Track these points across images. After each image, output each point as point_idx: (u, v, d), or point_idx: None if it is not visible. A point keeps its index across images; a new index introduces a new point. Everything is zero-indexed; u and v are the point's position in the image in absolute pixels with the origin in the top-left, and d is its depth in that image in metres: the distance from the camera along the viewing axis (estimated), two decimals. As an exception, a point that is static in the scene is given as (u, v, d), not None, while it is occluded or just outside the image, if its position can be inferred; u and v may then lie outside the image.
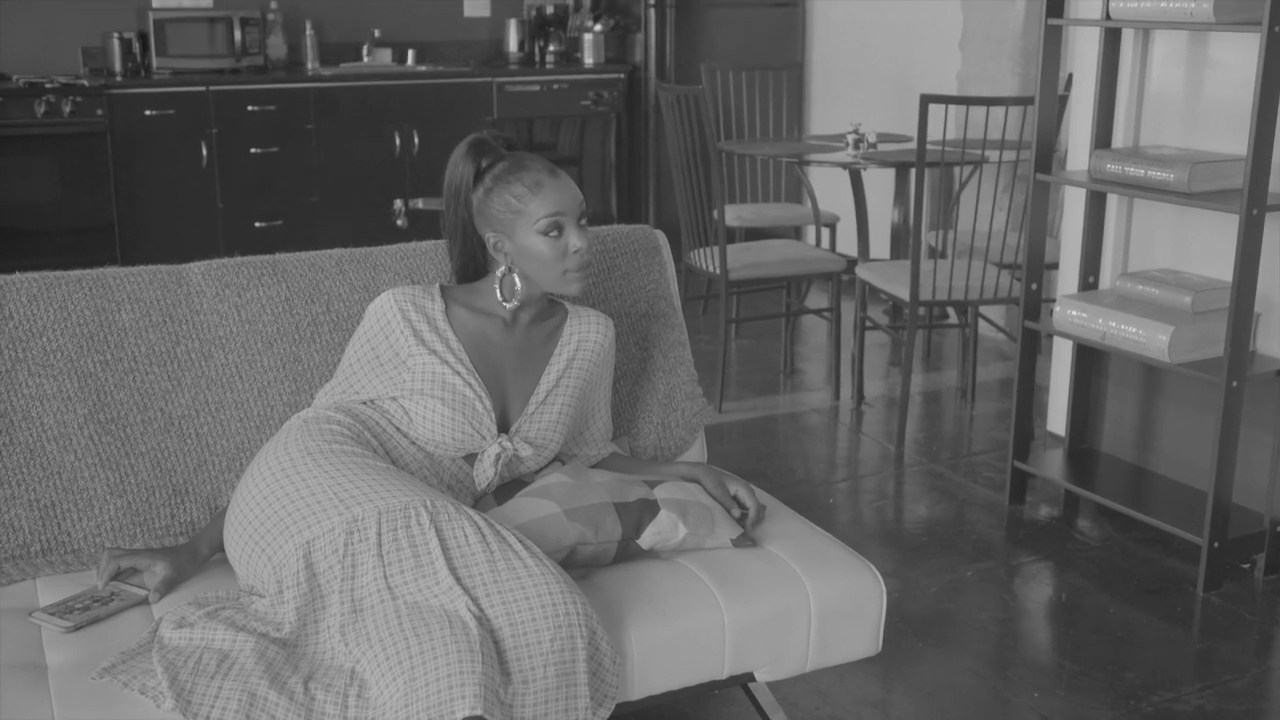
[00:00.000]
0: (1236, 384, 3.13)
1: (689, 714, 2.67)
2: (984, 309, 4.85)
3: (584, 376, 2.29)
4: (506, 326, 2.23)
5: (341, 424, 2.12)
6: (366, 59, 6.59)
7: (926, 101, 4.01)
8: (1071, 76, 4.19)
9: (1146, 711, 2.70)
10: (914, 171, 4.91)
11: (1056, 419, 4.10)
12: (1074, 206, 3.89)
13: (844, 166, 4.85)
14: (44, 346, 2.21)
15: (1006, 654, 2.98)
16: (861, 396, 4.70)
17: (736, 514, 2.29)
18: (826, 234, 5.77)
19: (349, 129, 6.19)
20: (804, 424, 4.56)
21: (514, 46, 6.90)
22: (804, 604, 2.14)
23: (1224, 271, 3.33)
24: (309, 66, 6.40)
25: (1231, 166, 3.20)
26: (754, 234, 5.63)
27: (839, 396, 4.76)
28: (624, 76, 6.75)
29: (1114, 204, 3.70)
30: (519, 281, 2.18)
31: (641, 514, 2.15)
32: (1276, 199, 3.10)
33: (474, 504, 2.18)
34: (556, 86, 6.64)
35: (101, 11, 6.06)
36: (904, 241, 5.18)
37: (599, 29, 6.82)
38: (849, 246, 5.90)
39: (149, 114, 5.79)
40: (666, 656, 2.04)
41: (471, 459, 2.19)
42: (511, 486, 2.21)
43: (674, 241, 2.78)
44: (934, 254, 4.60)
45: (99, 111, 5.67)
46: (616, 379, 2.54)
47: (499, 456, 2.17)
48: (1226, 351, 3.11)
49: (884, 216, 5.57)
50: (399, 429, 2.16)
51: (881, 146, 5.09)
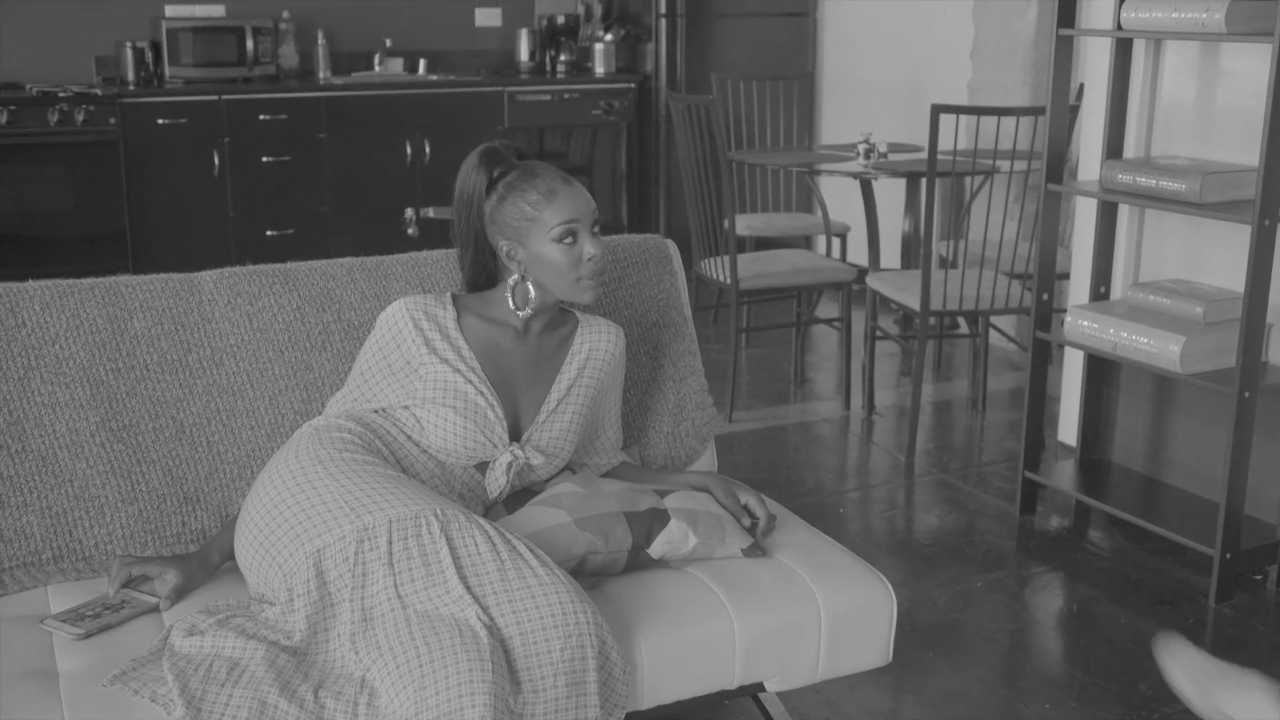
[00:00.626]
0: (1249, 395, 3.12)
1: (699, 724, 2.67)
2: (995, 319, 4.85)
3: (595, 385, 2.29)
4: (518, 335, 2.23)
5: (353, 432, 2.12)
6: (378, 68, 6.60)
7: (937, 111, 4.01)
8: (1083, 87, 4.19)
9: (1158, 723, 2.69)
10: (925, 181, 4.90)
11: (1068, 429, 4.09)
12: (1085, 216, 3.89)
13: (855, 176, 4.86)
14: (56, 354, 2.22)
15: (1017, 665, 2.97)
16: (872, 406, 4.69)
17: (747, 523, 2.28)
18: (837, 244, 5.77)
19: (360, 138, 6.21)
20: (814, 434, 4.55)
21: (525, 56, 6.91)
22: (814, 614, 2.13)
23: (1236, 282, 3.33)
24: (321, 76, 6.42)
25: (1243, 177, 3.19)
26: (764, 243, 5.63)
27: (849, 406, 4.76)
28: (635, 86, 6.76)
29: (1125, 214, 3.70)
30: (532, 290, 2.18)
31: (652, 523, 2.15)
32: (1289, 209, 3.10)
33: (485, 512, 2.19)
34: (567, 96, 6.65)
35: (115, 21, 6.08)
36: (915, 251, 5.17)
37: (610, 39, 6.83)
38: (859, 256, 5.90)
39: (161, 123, 5.81)
40: (677, 666, 2.03)
41: (482, 468, 2.19)
42: (522, 495, 2.21)
43: (684, 251, 2.78)
44: (945, 264, 4.60)
45: (112, 120, 5.69)
46: (627, 388, 2.54)
47: (511, 465, 2.17)
48: (1238, 362, 3.11)
49: (894, 226, 5.57)
50: (410, 437, 2.16)
51: (892, 156, 5.09)
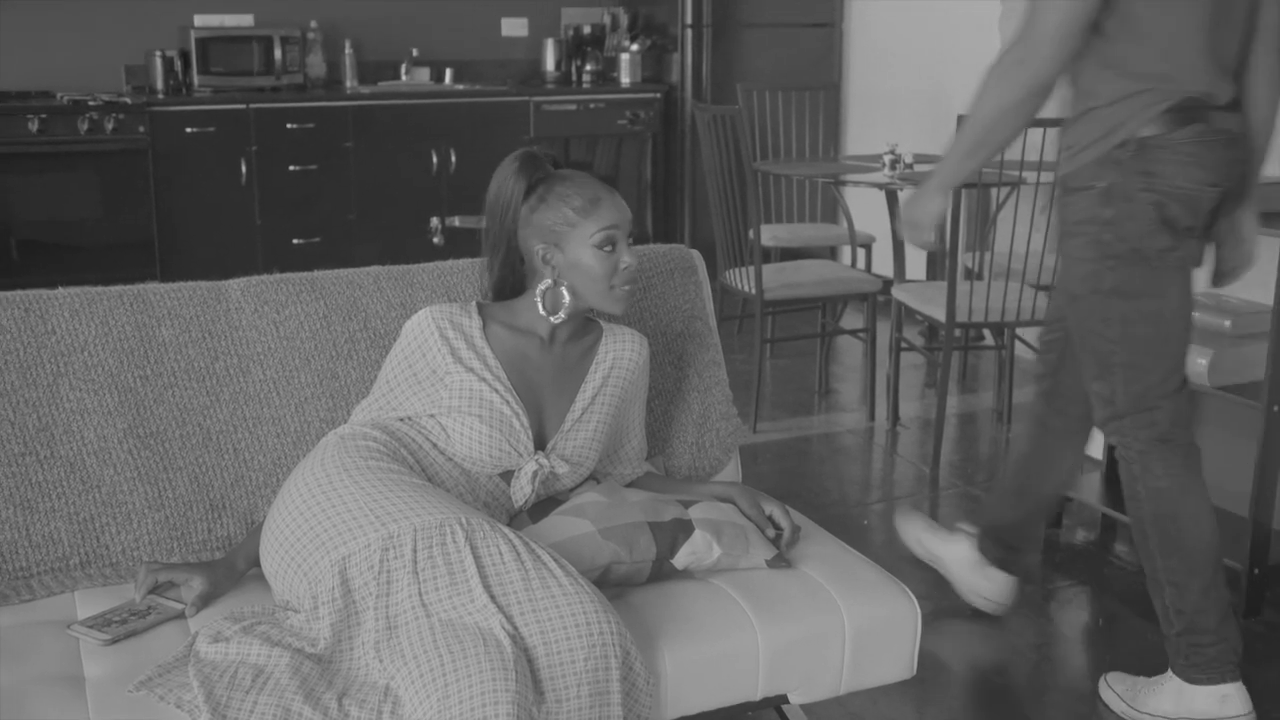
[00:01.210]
0: (1277, 408, 3.10)
1: (721, 735, 2.66)
2: (1020, 331, 4.82)
3: (619, 394, 2.30)
4: (544, 345, 2.23)
5: (378, 440, 2.13)
6: (405, 78, 6.63)
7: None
8: (1110, 98, 4.17)
9: (1185, 739, 2.67)
10: (950, 192, 4.89)
11: (1093, 443, 4.07)
12: (1112, 228, 3.86)
13: (880, 187, 4.85)
14: (85, 361, 2.23)
15: (1043, 679, 2.96)
16: (897, 418, 4.68)
17: (771, 534, 2.28)
18: (862, 254, 5.75)
19: (387, 147, 6.24)
20: (839, 445, 4.54)
21: (551, 66, 6.93)
22: (838, 626, 2.13)
23: (1264, 295, 3.30)
24: (348, 85, 6.45)
25: (1272, 190, 3.17)
26: (789, 254, 5.63)
27: (874, 418, 4.74)
28: (660, 96, 6.77)
29: (1153, 226, 3.67)
30: (566, 294, 2.19)
31: (676, 534, 2.15)
32: (1318, 222, 3.08)
33: (509, 521, 2.19)
34: (593, 106, 6.66)
35: (144, 30, 6.13)
36: (940, 262, 5.16)
37: (636, 49, 6.84)
38: (885, 267, 5.89)
39: (190, 131, 5.85)
40: (700, 677, 2.03)
41: (507, 476, 2.20)
42: (546, 505, 2.22)
43: (709, 261, 2.78)
44: (970, 275, 4.59)
45: (141, 129, 5.73)
46: (651, 398, 2.54)
47: (536, 474, 2.18)
48: (1267, 375, 3.08)
49: (920, 237, 5.55)
50: (436, 445, 2.17)
51: (918, 167, 5.08)
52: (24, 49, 5.97)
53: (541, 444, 2.22)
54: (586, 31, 7.00)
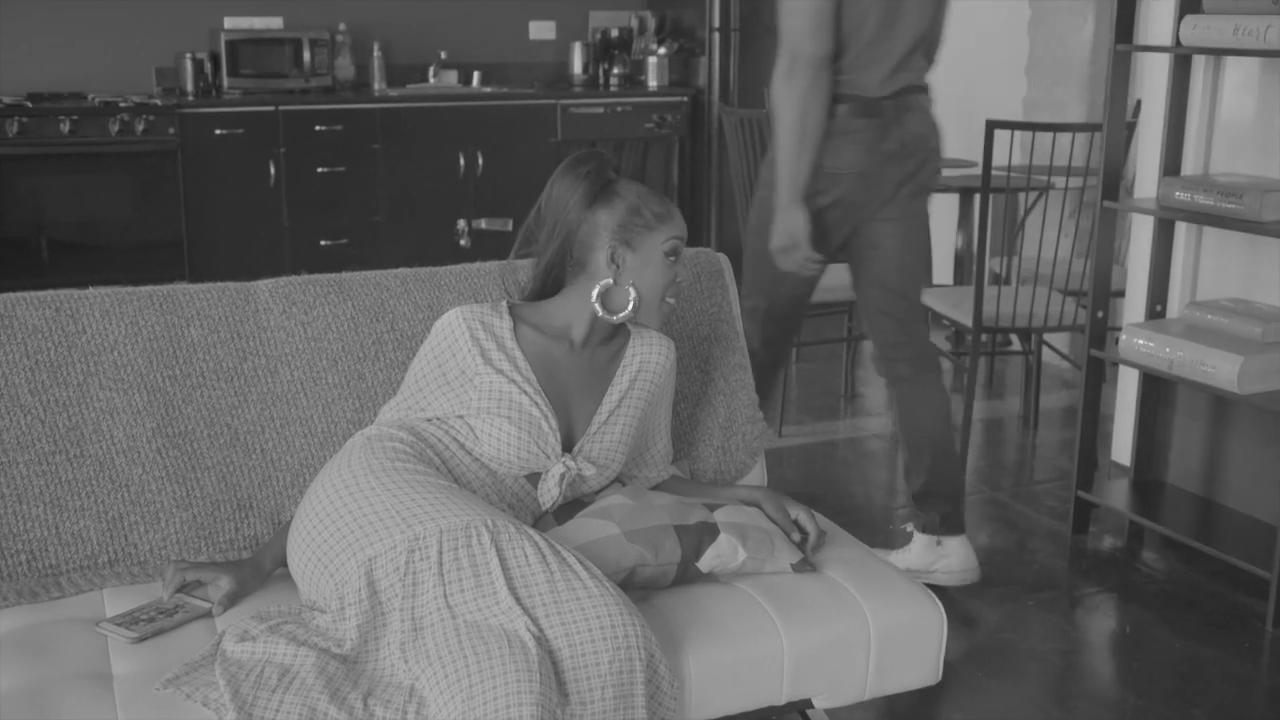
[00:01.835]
0: (1308, 416, 3.08)
1: (745, 739, 2.66)
2: (1048, 336, 4.80)
3: (646, 397, 2.30)
4: (573, 348, 2.24)
5: (404, 442, 2.13)
6: (432, 80, 6.65)
7: (992, 127, 3.99)
8: (1140, 103, 4.15)
9: (1212, 748, 2.65)
10: (978, 197, 4.87)
11: (1121, 449, 4.05)
12: (1141, 234, 3.85)
13: (907, 191, 4.82)
14: (115, 361, 2.24)
15: (1068, 686, 2.94)
16: (922, 423, 4.66)
17: (796, 538, 2.27)
18: (889, 259, 5.73)
19: (414, 149, 6.25)
20: (864, 449, 4.53)
21: (578, 69, 6.93)
22: (863, 631, 2.12)
23: (1295, 302, 3.28)
24: (376, 87, 6.47)
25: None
26: (816, 258, 5.61)
27: (900, 422, 4.73)
28: (688, 99, 6.77)
29: (1182, 232, 3.66)
30: (634, 294, 2.19)
31: (701, 537, 2.15)
32: (1350, 229, 3.06)
33: (534, 523, 2.19)
34: (620, 109, 6.66)
35: (175, 32, 6.17)
36: (967, 267, 5.14)
37: (663, 52, 6.84)
38: (911, 271, 5.86)
39: (219, 133, 5.88)
40: (724, 681, 2.03)
41: (533, 478, 2.20)
42: (572, 507, 2.22)
43: (736, 265, 2.78)
44: (998, 280, 4.57)
45: (171, 130, 5.76)
46: (677, 402, 2.54)
47: (564, 475, 2.18)
48: (1298, 383, 3.06)
49: (947, 242, 5.54)
50: (463, 446, 2.17)
51: (945, 171, 5.06)
52: (56, 51, 6.01)
53: (569, 446, 2.22)
54: (614, 34, 7.00)
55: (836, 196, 3.03)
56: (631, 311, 2.20)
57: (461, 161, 6.33)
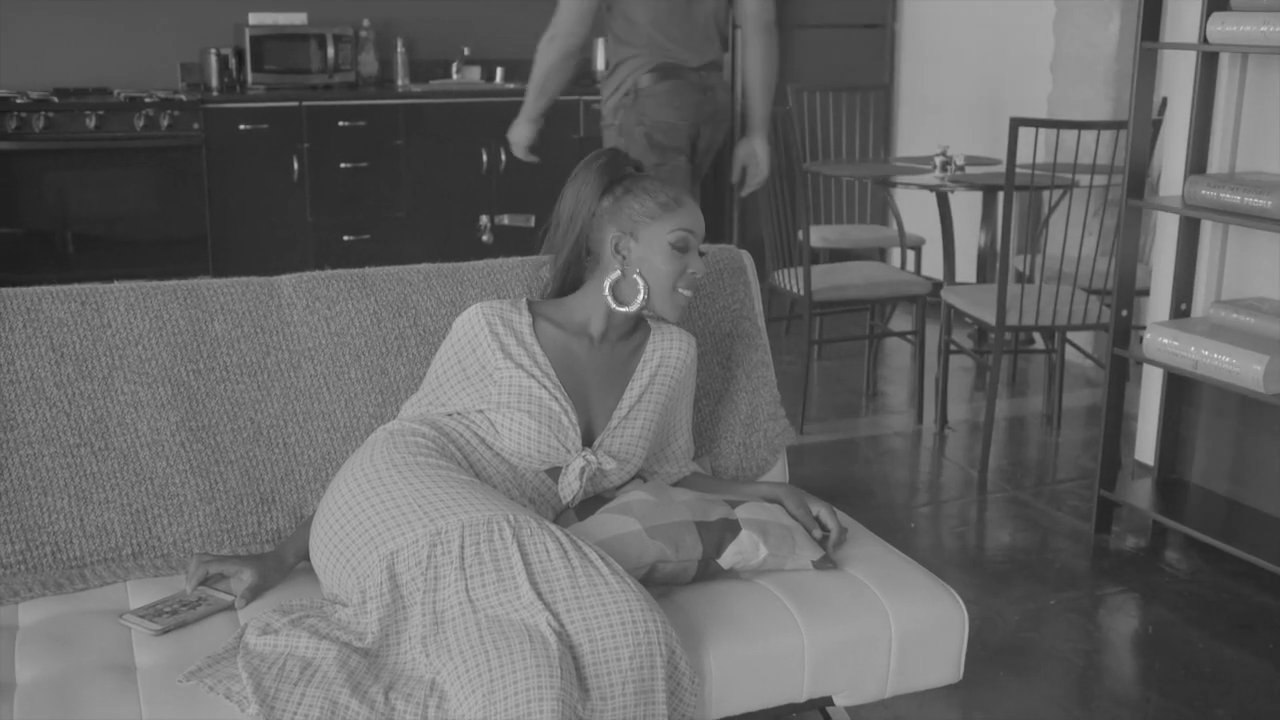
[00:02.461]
0: (1334, 416, 3.06)
1: (765, 736, 2.66)
2: (1071, 335, 4.79)
3: (666, 392, 2.30)
4: (592, 344, 2.24)
5: (426, 436, 2.14)
6: (456, 76, 6.66)
7: (1016, 124, 3.97)
8: (1166, 100, 4.13)
9: (1235, 749, 2.64)
10: (1002, 195, 4.86)
11: (1145, 448, 4.03)
12: (1167, 232, 3.83)
13: (931, 189, 4.82)
14: (140, 355, 2.26)
15: (1090, 686, 2.93)
16: (945, 421, 4.65)
17: (818, 535, 2.27)
18: (912, 256, 5.73)
19: (437, 145, 6.27)
20: (886, 447, 4.52)
21: (601, 65, 6.92)
22: (885, 628, 2.12)
23: (1322, 301, 3.26)
24: (399, 83, 6.48)
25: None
26: (839, 255, 5.61)
27: (922, 420, 4.72)
28: (710, 96, 6.75)
29: (1208, 230, 3.64)
30: (641, 283, 2.19)
31: (723, 533, 2.14)
32: (1378, 227, 3.03)
33: (555, 518, 2.19)
34: (643, 105, 6.64)
35: (200, 28, 6.19)
36: (990, 265, 5.12)
37: (686, 49, 6.82)
38: (934, 269, 5.86)
39: (243, 128, 5.91)
40: (745, 677, 2.03)
41: (554, 473, 2.20)
42: (593, 503, 2.22)
43: (759, 261, 2.78)
44: (1021, 278, 4.55)
45: (195, 125, 5.79)
46: (699, 398, 2.54)
47: (584, 470, 2.18)
48: (1324, 383, 3.04)
49: (970, 239, 5.52)
50: (484, 441, 2.17)
51: (969, 169, 5.05)
52: (82, 47, 6.05)
53: (589, 441, 2.22)
54: (637, 31, 6.99)
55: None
56: (642, 302, 2.20)
57: (484, 158, 6.34)
